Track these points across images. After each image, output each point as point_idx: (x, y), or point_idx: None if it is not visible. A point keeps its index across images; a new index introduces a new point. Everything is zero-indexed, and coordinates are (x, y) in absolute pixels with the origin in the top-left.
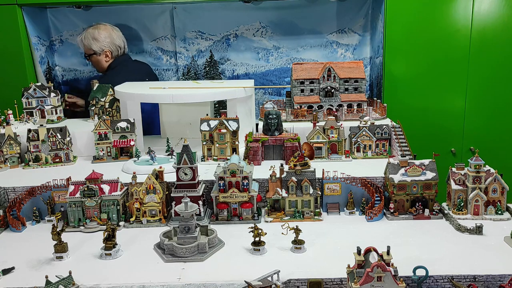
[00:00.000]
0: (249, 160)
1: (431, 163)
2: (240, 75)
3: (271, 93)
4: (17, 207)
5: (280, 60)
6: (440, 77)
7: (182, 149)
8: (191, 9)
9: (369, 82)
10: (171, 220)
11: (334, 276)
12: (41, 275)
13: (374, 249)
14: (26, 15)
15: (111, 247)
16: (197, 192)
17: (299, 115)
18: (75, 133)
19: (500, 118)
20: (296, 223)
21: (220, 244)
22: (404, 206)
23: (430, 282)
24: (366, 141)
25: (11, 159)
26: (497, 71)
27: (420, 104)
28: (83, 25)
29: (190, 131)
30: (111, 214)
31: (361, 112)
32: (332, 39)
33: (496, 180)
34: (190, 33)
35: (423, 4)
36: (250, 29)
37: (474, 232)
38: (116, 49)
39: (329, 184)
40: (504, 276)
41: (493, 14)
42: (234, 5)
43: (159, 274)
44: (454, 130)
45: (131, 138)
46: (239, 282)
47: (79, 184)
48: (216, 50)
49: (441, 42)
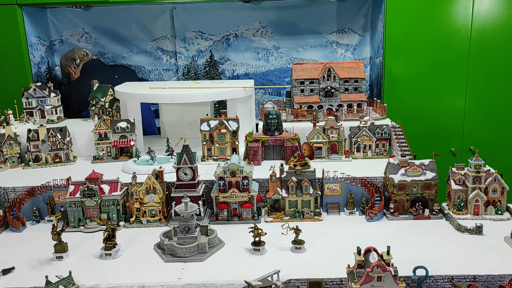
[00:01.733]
0: (249, 160)
1: (431, 163)
2: (240, 75)
3: (271, 93)
4: (17, 207)
5: (280, 60)
6: (440, 77)
7: (182, 149)
8: (191, 9)
9: (369, 82)
10: (171, 220)
11: (334, 276)
12: (41, 275)
13: (374, 249)
14: (26, 15)
15: (111, 247)
16: (197, 192)
17: (299, 115)
18: (75, 133)
19: (500, 118)
20: (296, 223)
21: (220, 244)
22: (404, 206)
23: (430, 282)
24: (366, 141)
25: (11, 159)
26: (497, 71)
27: (420, 104)
28: (83, 25)
29: (190, 131)
30: (111, 214)
31: (361, 112)
32: (332, 39)
33: (496, 180)
34: (190, 33)
35: (423, 4)
36: (250, 29)
37: (474, 232)
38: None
39: (329, 184)
40: (504, 276)
41: (493, 14)
42: (234, 5)
43: (159, 274)
44: (454, 130)
45: (131, 138)
46: (239, 282)
47: (79, 184)
48: (216, 50)
49: (441, 42)
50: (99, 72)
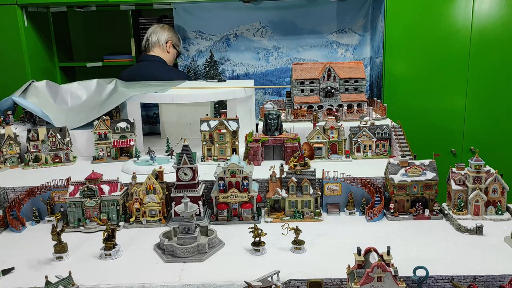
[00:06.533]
0: (249, 160)
1: (431, 163)
2: (240, 75)
3: (271, 93)
4: (17, 207)
5: (280, 60)
6: (440, 77)
7: (182, 149)
8: (191, 9)
9: (369, 82)
10: (171, 221)
11: (334, 277)
12: (41, 276)
13: (374, 250)
14: (26, 15)
15: (111, 247)
16: (197, 192)
17: (299, 115)
18: (75, 133)
19: (500, 118)
20: (296, 223)
21: (220, 245)
22: (404, 206)
23: (430, 282)
24: (366, 141)
25: (10, 159)
26: (497, 71)
27: (420, 104)
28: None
29: (190, 131)
30: (111, 214)
31: (361, 112)
32: (332, 39)
33: (496, 180)
34: (190, 33)
35: (423, 4)
36: (250, 29)
37: (474, 233)
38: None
39: (329, 184)
40: (504, 276)
41: (493, 14)
42: (234, 5)
43: (159, 274)
44: (454, 130)
45: (131, 138)
46: (239, 282)
47: (79, 184)
48: (216, 50)
49: (441, 42)
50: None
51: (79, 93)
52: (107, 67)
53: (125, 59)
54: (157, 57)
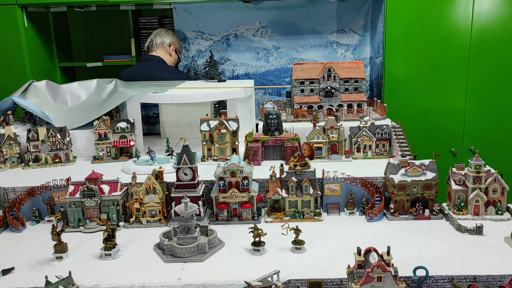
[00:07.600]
0: (249, 160)
1: (431, 163)
2: (240, 75)
3: (271, 93)
4: (17, 207)
5: (280, 60)
6: (440, 77)
7: (182, 149)
8: (191, 9)
9: (369, 82)
10: (171, 221)
11: (334, 277)
12: (41, 276)
13: (374, 250)
14: (26, 15)
15: (111, 248)
16: (197, 192)
17: (299, 115)
18: (75, 133)
19: (500, 118)
20: (296, 223)
21: (220, 245)
22: (404, 207)
23: (430, 282)
24: (366, 141)
25: (10, 159)
26: (497, 71)
27: (420, 104)
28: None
29: (190, 131)
30: (111, 214)
31: (361, 112)
32: (332, 39)
33: (496, 180)
34: (190, 33)
35: (423, 4)
36: (250, 29)
37: (474, 232)
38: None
39: (329, 184)
40: (504, 276)
41: (493, 14)
42: (234, 5)
43: (159, 274)
44: (454, 130)
45: (131, 138)
46: (239, 282)
47: (79, 184)
48: (216, 50)
49: (441, 42)
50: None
51: (79, 93)
52: (107, 67)
53: (125, 59)
54: (157, 57)
